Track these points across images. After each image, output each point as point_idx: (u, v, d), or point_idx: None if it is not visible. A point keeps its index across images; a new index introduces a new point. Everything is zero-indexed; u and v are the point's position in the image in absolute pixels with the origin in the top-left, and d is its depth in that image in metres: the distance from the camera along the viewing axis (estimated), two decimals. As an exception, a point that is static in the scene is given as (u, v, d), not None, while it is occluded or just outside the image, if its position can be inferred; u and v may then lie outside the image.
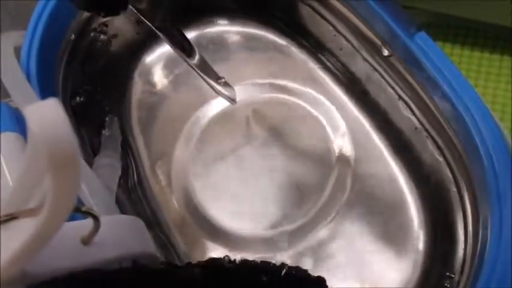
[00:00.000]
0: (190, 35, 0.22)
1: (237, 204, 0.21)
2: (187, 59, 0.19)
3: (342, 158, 0.20)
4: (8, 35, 0.21)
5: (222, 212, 0.21)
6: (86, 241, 0.13)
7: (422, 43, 0.16)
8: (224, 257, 0.16)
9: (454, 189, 0.16)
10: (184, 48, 0.19)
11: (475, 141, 0.14)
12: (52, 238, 0.11)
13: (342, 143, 0.20)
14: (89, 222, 0.13)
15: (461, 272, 0.14)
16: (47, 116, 0.08)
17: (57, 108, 0.08)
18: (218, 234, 0.21)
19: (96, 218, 0.12)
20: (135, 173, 0.22)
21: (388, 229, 0.18)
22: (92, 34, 0.22)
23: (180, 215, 0.22)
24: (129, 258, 0.13)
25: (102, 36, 0.23)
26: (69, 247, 0.13)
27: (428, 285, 0.16)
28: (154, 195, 0.22)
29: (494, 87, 0.28)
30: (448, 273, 0.15)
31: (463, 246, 0.15)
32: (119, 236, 0.14)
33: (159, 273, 0.13)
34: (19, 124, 0.16)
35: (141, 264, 0.13)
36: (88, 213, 0.12)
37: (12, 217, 0.10)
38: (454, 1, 0.23)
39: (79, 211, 0.11)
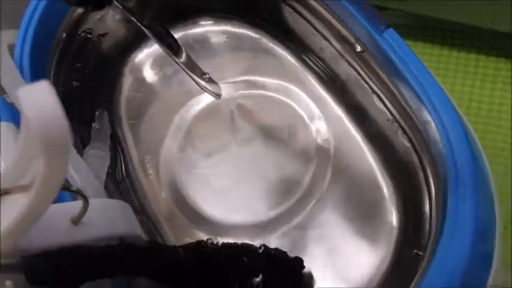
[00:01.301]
0: (177, 34, 0.23)
1: (223, 194, 0.22)
2: (174, 57, 0.20)
3: (321, 149, 0.21)
4: (2, 33, 0.21)
5: (209, 202, 0.22)
6: (76, 221, 0.14)
7: (390, 40, 0.17)
8: (207, 240, 0.17)
9: (421, 173, 0.17)
10: (172, 46, 0.20)
11: (437, 130, 0.15)
12: (42, 214, 0.12)
13: (321, 135, 0.22)
14: (78, 204, 0.14)
15: (425, 250, 0.15)
16: (39, 95, 0.09)
17: (48, 89, 0.09)
18: (205, 223, 0.22)
19: (85, 198, 0.13)
20: (123, 165, 0.23)
21: (364, 212, 0.20)
22: (83, 33, 0.23)
23: (168, 206, 0.23)
24: (116, 238, 0.14)
25: (92, 36, 0.24)
26: (60, 226, 0.14)
27: (401, 263, 0.17)
28: (142, 187, 0.23)
29: (467, 85, 0.29)
30: (416, 251, 0.16)
31: (428, 226, 0.16)
32: (107, 217, 0.15)
33: (145, 251, 0.14)
34: (15, 117, 0.17)
35: (127, 242, 0.14)
36: (77, 193, 0.13)
37: (5, 192, 0.11)
38: (426, 2, 0.25)
39: (69, 190, 0.12)
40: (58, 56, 0.22)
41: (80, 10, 0.22)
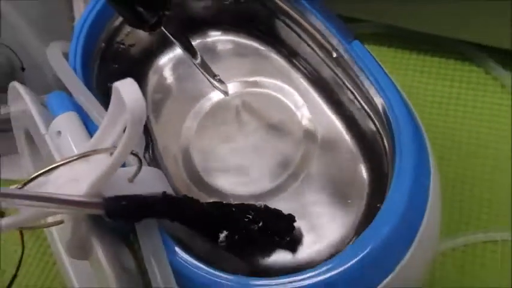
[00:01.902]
0: (194, 42, 0.29)
1: (231, 172, 0.27)
2: (193, 60, 0.26)
3: (308, 134, 0.27)
4: (55, 44, 0.27)
5: (220, 178, 0.27)
6: (131, 180, 0.20)
7: (356, 48, 0.23)
8: (222, 201, 0.23)
9: (381, 144, 0.23)
10: (190, 51, 0.26)
11: (391, 115, 0.21)
12: (116, 170, 0.17)
13: (307, 123, 0.27)
14: (132, 169, 0.20)
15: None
16: (129, 87, 0.14)
17: (134, 83, 0.15)
18: (214, 195, 0.27)
19: (140, 160, 0.19)
20: (151, 149, 0.28)
21: (342, 181, 0.25)
22: (116, 44, 0.29)
23: (185, 183, 0.28)
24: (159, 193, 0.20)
25: (124, 45, 0.29)
26: (121, 182, 0.19)
27: (368, 217, 0.23)
28: (166, 167, 0.28)
29: (423, 82, 0.36)
30: (378, 205, 0.21)
31: (387, 184, 0.21)
32: (150, 179, 0.21)
33: (179, 201, 0.20)
34: (74, 106, 0.23)
35: (168, 195, 0.20)
36: (137, 157, 0.18)
37: (95, 152, 0.17)
38: (391, 13, 0.31)
39: (133, 154, 0.18)
40: (99, 60, 0.27)
41: (114, 26, 0.28)
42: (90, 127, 0.22)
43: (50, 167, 0.17)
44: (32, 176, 0.17)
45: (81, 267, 0.28)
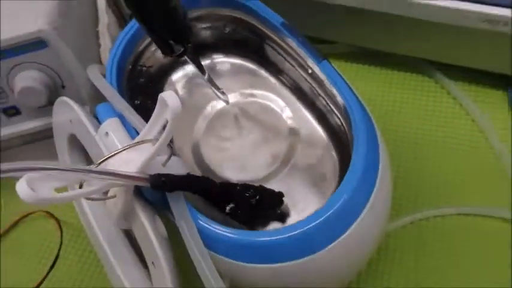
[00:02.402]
0: (202, 62, 0.36)
1: (232, 163, 0.35)
2: (203, 76, 0.33)
3: (292, 131, 0.35)
4: (93, 66, 0.35)
5: (222, 168, 0.35)
6: (164, 164, 0.27)
7: (325, 66, 0.31)
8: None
9: (346, 135, 0.30)
10: (201, 69, 0.33)
11: (354, 119, 0.29)
12: (157, 155, 0.25)
13: (291, 123, 0.35)
14: (164, 158, 0.27)
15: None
16: (171, 94, 0.22)
17: (174, 93, 0.22)
18: (220, 181, 0.35)
19: (171, 150, 0.26)
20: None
21: (318, 165, 0.33)
22: (139, 66, 0.37)
23: (197, 173, 0.36)
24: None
25: (144, 67, 0.37)
26: (157, 166, 0.27)
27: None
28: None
29: (384, 90, 0.44)
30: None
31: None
32: (176, 165, 0.28)
33: (199, 179, 0.27)
34: (115, 113, 0.30)
35: (191, 175, 0.27)
36: (171, 147, 0.26)
37: (142, 142, 0.24)
38: (355, 35, 0.39)
39: (168, 144, 0.25)
40: (128, 77, 0.35)
41: (138, 52, 0.36)
42: (128, 129, 0.30)
43: (114, 152, 0.24)
44: (103, 159, 0.24)
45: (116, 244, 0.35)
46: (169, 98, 0.22)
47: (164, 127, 0.24)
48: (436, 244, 0.37)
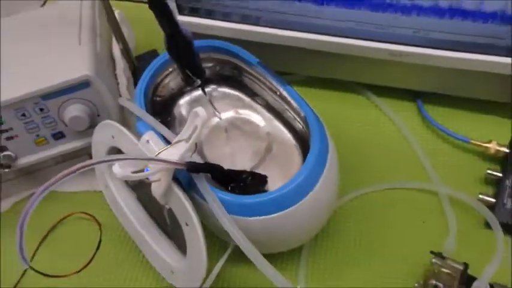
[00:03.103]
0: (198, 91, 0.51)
1: (226, 159, 0.49)
2: (205, 97, 0.48)
3: (268, 136, 0.50)
4: (122, 98, 0.49)
5: (220, 163, 0.49)
6: (190, 156, 0.41)
7: (288, 89, 0.46)
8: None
9: (306, 139, 0.45)
10: (204, 93, 0.48)
11: (310, 124, 0.44)
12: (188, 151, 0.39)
13: (266, 129, 0.50)
14: (189, 153, 0.42)
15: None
16: (201, 109, 0.37)
17: (202, 108, 0.37)
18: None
19: (196, 147, 0.40)
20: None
21: (288, 158, 0.48)
22: (156, 96, 0.51)
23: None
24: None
25: (159, 97, 0.51)
26: (186, 158, 0.41)
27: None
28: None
29: (335, 107, 0.60)
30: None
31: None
32: (196, 158, 0.42)
33: (214, 166, 0.42)
34: (149, 127, 0.44)
35: (209, 162, 0.41)
36: (195, 145, 0.40)
37: (178, 141, 0.39)
38: (307, 68, 0.55)
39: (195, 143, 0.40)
40: (150, 102, 0.49)
41: (155, 84, 0.50)
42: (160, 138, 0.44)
43: (163, 149, 0.38)
44: (157, 152, 0.38)
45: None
46: (200, 112, 0.37)
47: (193, 132, 0.39)
48: (373, 211, 0.53)
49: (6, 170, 0.51)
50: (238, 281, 0.49)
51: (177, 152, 0.39)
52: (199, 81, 0.46)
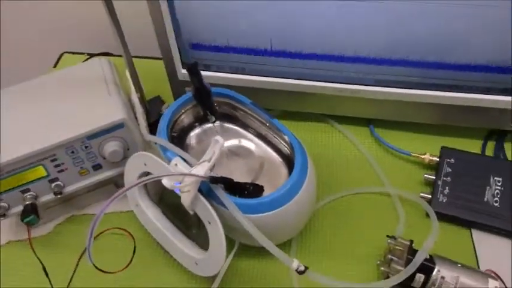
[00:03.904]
0: (205, 126, 0.67)
1: (231, 175, 0.65)
2: (213, 129, 0.64)
3: (259, 157, 0.66)
4: (147, 134, 0.64)
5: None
6: (210, 171, 0.57)
7: (275, 120, 0.63)
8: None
9: (291, 159, 0.62)
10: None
11: (294, 146, 0.61)
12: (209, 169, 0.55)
13: (258, 153, 0.66)
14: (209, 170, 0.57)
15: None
16: (220, 138, 0.53)
17: (220, 137, 0.53)
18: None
19: (213, 165, 0.56)
20: (195, 174, 0.65)
21: (276, 172, 0.64)
22: (173, 132, 0.66)
23: (209, 188, 0.65)
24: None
25: (175, 133, 0.67)
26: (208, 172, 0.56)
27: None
28: (201, 181, 0.66)
29: (315, 135, 0.77)
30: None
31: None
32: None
33: (227, 178, 0.57)
34: (175, 155, 0.60)
35: (224, 176, 0.57)
36: (213, 164, 0.56)
37: (202, 161, 0.54)
38: (284, 105, 0.72)
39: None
40: (170, 135, 0.64)
41: (173, 122, 0.66)
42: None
43: (195, 168, 0.54)
44: (190, 170, 0.53)
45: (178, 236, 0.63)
46: (219, 140, 0.53)
47: (212, 156, 0.54)
48: (342, 211, 0.69)
49: (59, 196, 0.64)
50: (243, 271, 0.64)
51: (202, 169, 0.54)
52: (213, 118, 0.62)
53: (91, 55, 0.97)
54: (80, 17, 1.05)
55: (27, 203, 0.63)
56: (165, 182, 0.52)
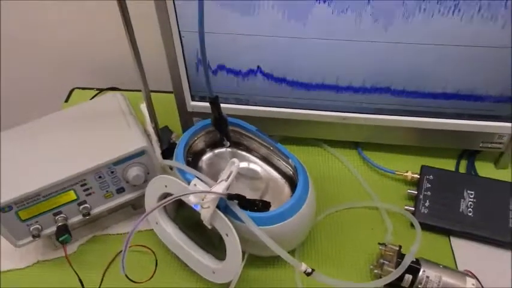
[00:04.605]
0: (221, 149, 0.77)
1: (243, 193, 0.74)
2: (225, 152, 0.73)
3: (264, 178, 0.75)
4: (164, 160, 0.73)
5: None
6: (227, 189, 0.65)
7: (278, 144, 0.72)
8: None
9: (294, 179, 0.71)
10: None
11: (297, 167, 0.70)
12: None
13: (263, 174, 0.76)
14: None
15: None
16: (236, 160, 0.62)
17: (237, 160, 0.62)
18: (235, 207, 0.74)
19: (229, 185, 0.65)
20: (208, 194, 0.74)
21: (279, 191, 0.73)
22: (187, 155, 0.75)
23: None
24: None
25: (190, 157, 0.76)
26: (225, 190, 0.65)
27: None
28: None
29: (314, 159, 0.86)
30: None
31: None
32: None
33: (241, 195, 0.66)
34: (193, 176, 0.68)
35: (238, 194, 0.66)
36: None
37: (221, 181, 0.63)
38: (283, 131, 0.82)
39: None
40: (185, 158, 0.73)
41: (188, 147, 0.75)
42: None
43: (214, 186, 0.62)
44: (210, 189, 0.62)
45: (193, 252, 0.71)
46: (235, 161, 0.62)
47: (229, 175, 0.63)
48: (338, 224, 0.78)
49: (87, 217, 0.72)
50: (252, 279, 0.72)
51: (220, 188, 0.63)
52: (228, 143, 0.72)
53: (100, 90, 1.06)
54: (88, 54, 1.14)
55: (59, 224, 0.70)
56: (192, 199, 0.61)
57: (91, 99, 1.01)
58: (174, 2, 0.68)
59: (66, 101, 1.05)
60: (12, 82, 1.22)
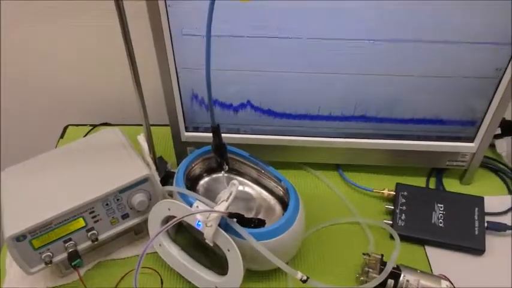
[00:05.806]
0: (217, 174, 0.84)
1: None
2: (222, 177, 0.81)
3: (256, 198, 0.83)
4: (165, 187, 0.80)
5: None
6: (227, 209, 0.73)
7: (270, 168, 0.80)
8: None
9: (285, 199, 0.79)
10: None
11: (288, 189, 0.78)
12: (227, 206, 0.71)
13: (255, 195, 0.83)
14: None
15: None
16: (236, 182, 0.69)
17: (237, 181, 0.70)
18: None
19: (229, 206, 0.72)
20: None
21: (271, 208, 0.81)
22: (186, 180, 0.82)
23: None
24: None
25: (189, 182, 0.83)
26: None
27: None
28: (212, 221, 0.81)
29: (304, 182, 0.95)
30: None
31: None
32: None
33: (240, 214, 0.73)
34: (195, 199, 0.75)
35: (237, 212, 0.73)
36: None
37: (222, 200, 0.70)
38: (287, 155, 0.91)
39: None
40: (185, 179, 0.80)
41: (188, 173, 0.82)
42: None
43: (216, 206, 0.70)
44: (213, 208, 0.69)
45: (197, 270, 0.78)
46: (235, 183, 0.69)
47: (230, 195, 0.71)
48: (325, 238, 0.86)
49: (95, 243, 0.78)
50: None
51: (221, 207, 0.70)
52: (227, 167, 0.80)
53: (93, 126, 1.12)
54: (80, 92, 1.20)
55: (70, 250, 0.76)
56: (199, 217, 0.68)
57: (85, 135, 1.07)
58: (172, 41, 0.77)
59: (62, 137, 1.10)
60: (4, 120, 1.26)
